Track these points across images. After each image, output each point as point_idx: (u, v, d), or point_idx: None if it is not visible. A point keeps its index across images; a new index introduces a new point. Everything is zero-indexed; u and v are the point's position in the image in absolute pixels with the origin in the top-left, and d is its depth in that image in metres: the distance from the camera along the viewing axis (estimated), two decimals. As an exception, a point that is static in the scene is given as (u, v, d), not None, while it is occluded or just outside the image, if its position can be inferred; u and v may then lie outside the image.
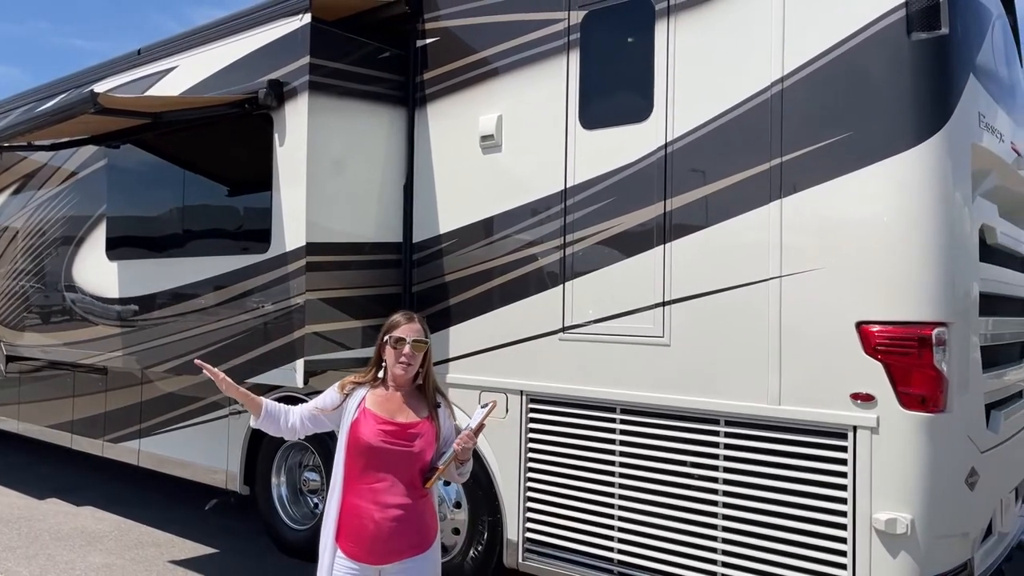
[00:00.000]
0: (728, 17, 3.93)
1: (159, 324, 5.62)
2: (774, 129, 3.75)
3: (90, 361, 6.45)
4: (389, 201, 5.10)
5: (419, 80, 5.10)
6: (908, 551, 3.42)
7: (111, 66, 7.03)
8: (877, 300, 3.49)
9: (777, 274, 3.73)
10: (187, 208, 5.62)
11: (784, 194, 3.72)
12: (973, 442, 3.64)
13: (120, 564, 5.62)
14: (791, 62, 3.72)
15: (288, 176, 4.75)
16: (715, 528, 3.90)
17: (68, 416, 7.67)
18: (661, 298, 4.08)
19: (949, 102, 3.49)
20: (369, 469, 3.06)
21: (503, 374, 4.64)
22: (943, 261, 3.44)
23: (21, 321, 7.22)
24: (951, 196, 3.49)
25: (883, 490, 3.46)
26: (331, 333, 4.85)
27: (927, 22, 3.46)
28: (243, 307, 5.03)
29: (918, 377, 3.41)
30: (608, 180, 4.28)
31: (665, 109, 4.10)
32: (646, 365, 4.13)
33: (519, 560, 4.59)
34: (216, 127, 5.25)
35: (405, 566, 3.06)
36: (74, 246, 6.59)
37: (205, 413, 6.33)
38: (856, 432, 3.51)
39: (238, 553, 5.93)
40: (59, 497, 7.36)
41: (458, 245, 4.87)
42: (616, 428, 4.25)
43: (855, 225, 3.55)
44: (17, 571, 5.41)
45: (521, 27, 4.65)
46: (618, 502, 4.23)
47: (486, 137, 4.74)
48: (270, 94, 4.71)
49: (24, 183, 7.26)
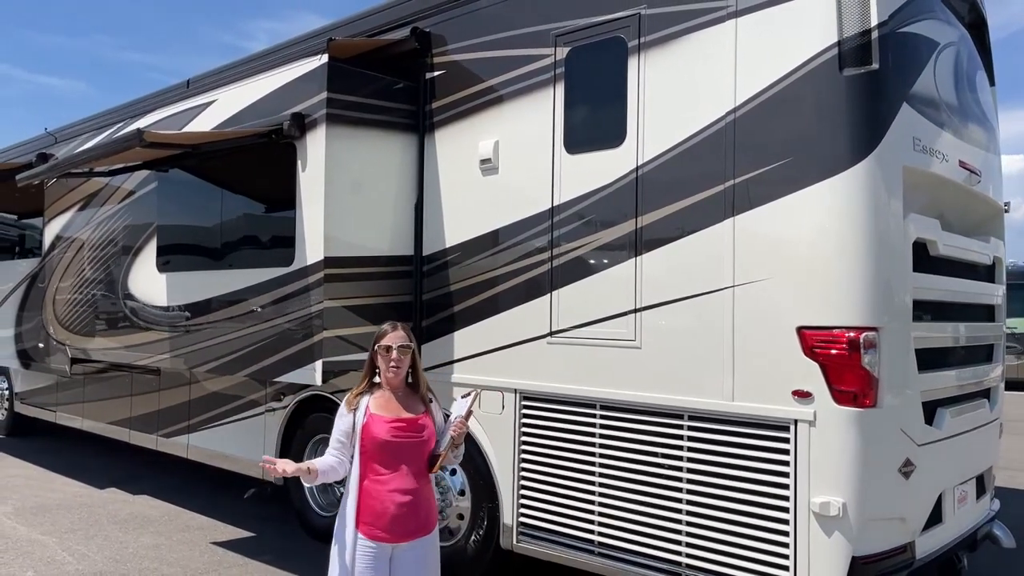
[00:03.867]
0: (689, 54, 4.38)
1: (201, 329, 6.28)
2: (728, 154, 4.19)
3: (144, 363, 7.15)
4: (402, 218, 5.65)
5: (428, 109, 5.65)
6: (841, 531, 3.82)
7: (165, 95, 7.82)
8: (814, 307, 3.91)
9: (730, 284, 4.16)
10: (224, 225, 6.28)
11: (736, 212, 4.15)
12: (907, 435, 4.01)
13: (168, 544, 6.29)
14: (742, 95, 4.16)
15: (309, 197, 5.34)
16: (680, 512, 4.34)
17: (126, 413, 8.43)
18: (634, 305, 4.54)
19: (878, 129, 3.89)
20: (385, 462, 3.52)
21: (500, 374, 5.14)
22: (872, 271, 3.84)
23: (84, 326, 7.98)
24: (882, 213, 3.88)
25: (819, 476, 3.87)
26: (352, 337, 5.42)
27: (858, 58, 3.88)
28: (271, 314, 5.64)
29: (849, 376, 3.81)
30: (589, 199, 4.76)
31: (637, 136, 4.57)
32: (621, 366, 4.59)
33: (513, 543, 5.08)
34: (248, 155, 5.89)
35: (414, 545, 3.53)
36: (130, 258, 7.32)
37: (244, 411, 6.98)
38: (797, 425, 3.93)
39: (272, 536, 6.56)
40: (117, 487, 8.12)
41: (461, 258, 5.40)
42: (596, 423, 4.71)
43: (796, 240, 3.97)
44: (77, 548, 6.11)
45: (515, 61, 5.16)
46: (599, 489, 4.69)
47: (485, 160, 5.26)
48: (293, 125, 5.31)
49: (87, 201, 8.04)
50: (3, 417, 11.12)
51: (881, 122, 3.91)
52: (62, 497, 7.69)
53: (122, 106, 8.62)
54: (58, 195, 8.44)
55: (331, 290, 5.25)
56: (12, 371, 10.67)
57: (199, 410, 7.44)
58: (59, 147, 9.08)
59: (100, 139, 7.21)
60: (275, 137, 5.42)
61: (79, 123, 9.30)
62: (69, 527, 6.67)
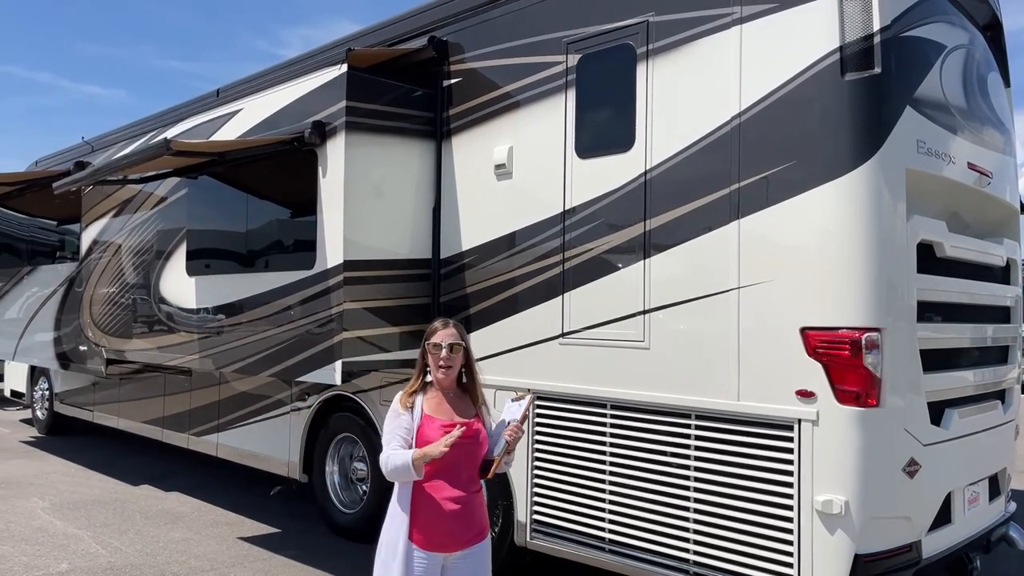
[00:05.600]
0: (696, 60, 4.46)
1: (228, 331, 6.48)
2: (733, 158, 4.26)
3: (175, 363, 7.38)
4: (420, 222, 5.80)
5: (445, 116, 5.79)
6: (844, 529, 3.87)
7: (196, 104, 8.07)
8: (817, 308, 3.97)
9: (736, 285, 4.24)
10: (250, 230, 6.48)
11: (742, 215, 4.23)
12: (912, 435, 4.04)
13: (197, 539, 6.49)
14: (747, 99, 4.23)
15: (329, 203, 5.50)
16: (688, 510, 4.41)
17: (159, 413, 8.70)
18: (642, 307, 4.63)
19: (881, 133, 3.94)
20: (439, 468, 3.27)
21: (514, 375, 5.25)
22: (875, 272, 3.89)
23: (119, 328, 8.25)
24: (883, 215, 3.93)
25: (823, 475, 3.92)
26: (372, 338, 5.57)
27: (860, 63, 3.93)
28: (294, 316, 5.81)
29: (851, 376, 3.86)
30: (599, 203, 4.86)
31: (645, 140, 4.66)
32: (631, 367, 4.68)
33: (527, 539, 5.19)
34: (272, 162, 6.08)
35: (466, 554, 3.35)
36: (162, 262, 7.56)
37: (271, 410, 7.18)
38: (800, 424, 3.99)
39: (296, 532, 6.73)
40: (151, 484, 8.37)
41: (477, 261, 5.52)
42: (607, 422, 4.80)
43: (800, 242, 4.03)
44: (109, 542, 6.34)
45: (529, 69, 5.28)
46: (609, 487, 4.78)
47: (499, 166, 5.38)
48: (314, 133, 5.48)
49: (122, 208, 8.31)
50: (44, 416, 11.49)
51: (884, 125, 3.96)
52: (98, 493, 7.96)
53: (155, 115, 8.91)
54: (94, 202, 8.74)
55: (351, 292, 5.40)
56: (52, 373, 11.03)
57: (228, 410, 7.66)
58: (95, 155, 9.40)
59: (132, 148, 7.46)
60: (297, 145, 5.60)
61: (114, 132, 9.63)
62: (103, 522, 6.91)
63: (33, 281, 10.42)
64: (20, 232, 10.93)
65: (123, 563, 5.83)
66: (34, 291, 10.29)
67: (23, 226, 10.89)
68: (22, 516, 7.02)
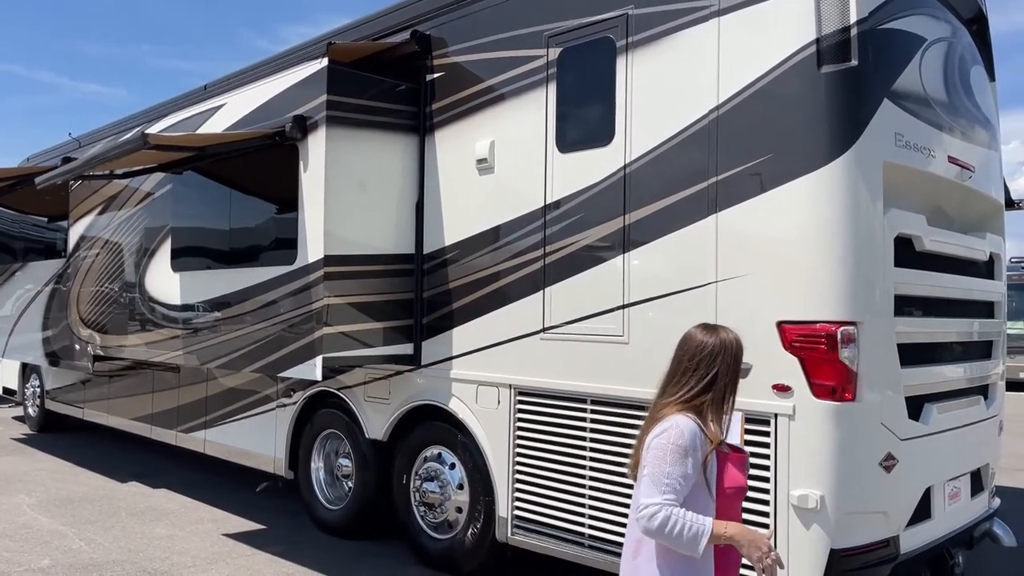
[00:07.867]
0: (674, 53, 4.44)
1: (212, 326, 6.46)
2: (711, 152, 4.24)
3: (161, 359, 7.36)
4: (403, 217, 5.77)
5: (428, 110, 5.77)
6: (819, 524, 3.85)
7: (184, 99, 8.04)
8: (794, 302, 3.95)
9: (713, 279, 4.21)
10: (232, 226, 6.46)
11: (719, 209, 4.20)
12: (889, 429, 4.02)
13: (181, 535, 6.47)
14: (725, 92, 4.21)
15: (311, 197, 5.48)
16: (666, 505, 4.38)
17: (148, 410, 8.67)
18: (622, 301, 4.61)
19: (857, 126, 3.91)
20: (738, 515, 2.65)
21: (496, 370, 5.23)
22: (850, 266, 3.86)
23: (105, 324, 8.24)
24: (860, 208, 3.91)
25: (799, 469, 3.91)
26: (354, 333, 5.54)
27: (837, 55, 3.91)
28: (276, 311, 5.79)
29: (827, 370, 3.84)
30: (579, 198, 4.84)
31: (625, 134, 4.63)
32: (610, 361, 4.65)
33: (508, 535, 5.17)
34: (254, 157, 6.06)
35: None
36: (147, 258, 7.54)
37: (257, 406, 7.16)
38: (777, 418, 3.97)
39: (282, 529, 6.71)
40: (139, 481, 8.35)
41: (459, 256, 5.50)
42: (587, 417, 4.78)
43: (776, 235, 4.01)
44: (93, 538, 6.32)
45: (510, 62, 5.25)
46: (589, 483, 4.76)
47: (481, 160, 5.36)
48: (295, 127, 5.46)
49: (108, 204, 8.29)
50: (36, 414, 11.48)
51: (860, 118, 3.93)
52: (86, 490, 7.94)
53: (144, 111, 8.89)
54: (81, 198, 8.73)
55: (332, 287, 5.37)
56: (43, 370, 11.02)
57: (215, 406, 7.64)
58: (82, 151, 9.37)
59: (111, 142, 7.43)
60: (278, 139, 5.57)
61: (103, 128, 9.60)
62: (88, 518, 6.89)
63: (24, 278, 10.41)
64: (11, 229, 10.91)
65: (105, 559, 5.81)
66: (25, 288, 10.28)
67: (15, 223, 10.86)
68: (7, 513, 7.01)
